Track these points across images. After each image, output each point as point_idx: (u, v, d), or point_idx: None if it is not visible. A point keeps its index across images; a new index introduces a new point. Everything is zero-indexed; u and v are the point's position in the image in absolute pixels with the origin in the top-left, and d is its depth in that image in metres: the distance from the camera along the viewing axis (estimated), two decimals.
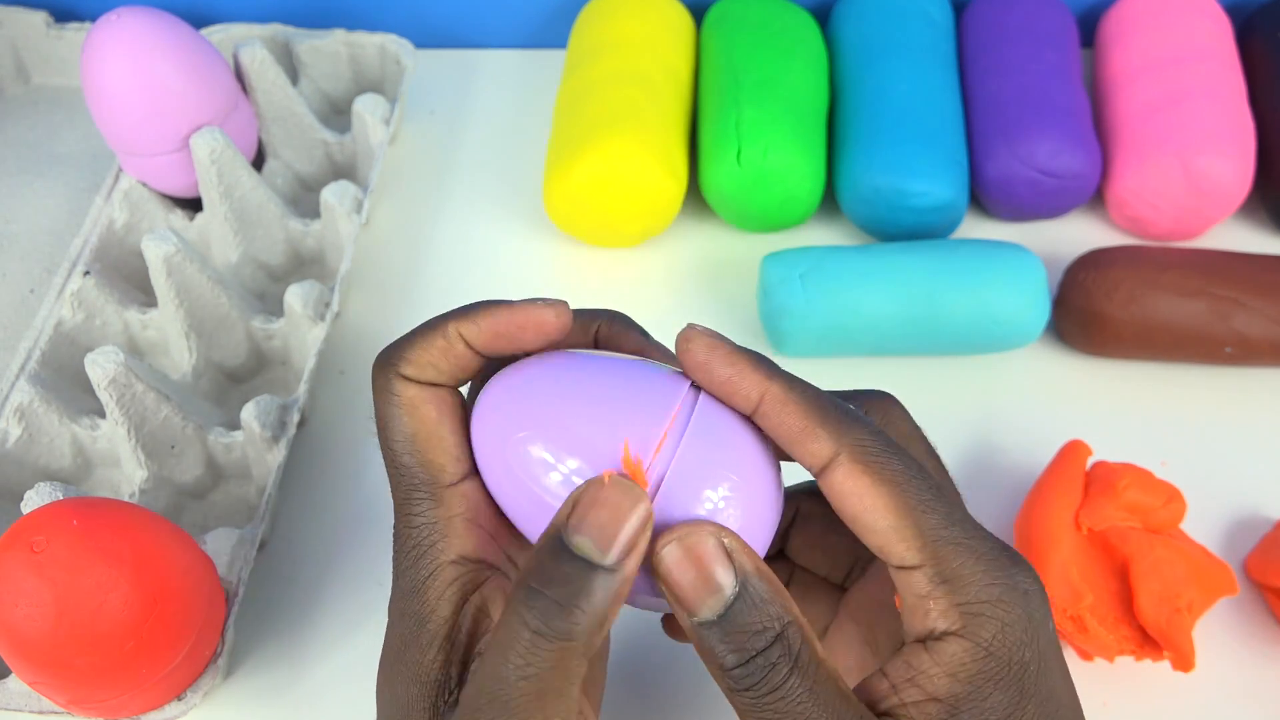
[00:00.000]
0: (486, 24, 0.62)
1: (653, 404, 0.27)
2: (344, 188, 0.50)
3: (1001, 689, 0.25)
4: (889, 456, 0.26)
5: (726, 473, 0.26)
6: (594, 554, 0.24)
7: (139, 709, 0.37)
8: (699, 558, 0.25)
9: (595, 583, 0.24)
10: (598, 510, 0.24)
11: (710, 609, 0.24)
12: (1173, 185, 0.49)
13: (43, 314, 0.47)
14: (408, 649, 0.27)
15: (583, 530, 0.24)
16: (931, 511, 0.25)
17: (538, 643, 0.24)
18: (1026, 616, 0.25)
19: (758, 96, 0.50)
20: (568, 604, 0.24)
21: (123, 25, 0.45)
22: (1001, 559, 0.26)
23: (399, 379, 0.28)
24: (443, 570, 0.27)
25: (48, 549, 0.32)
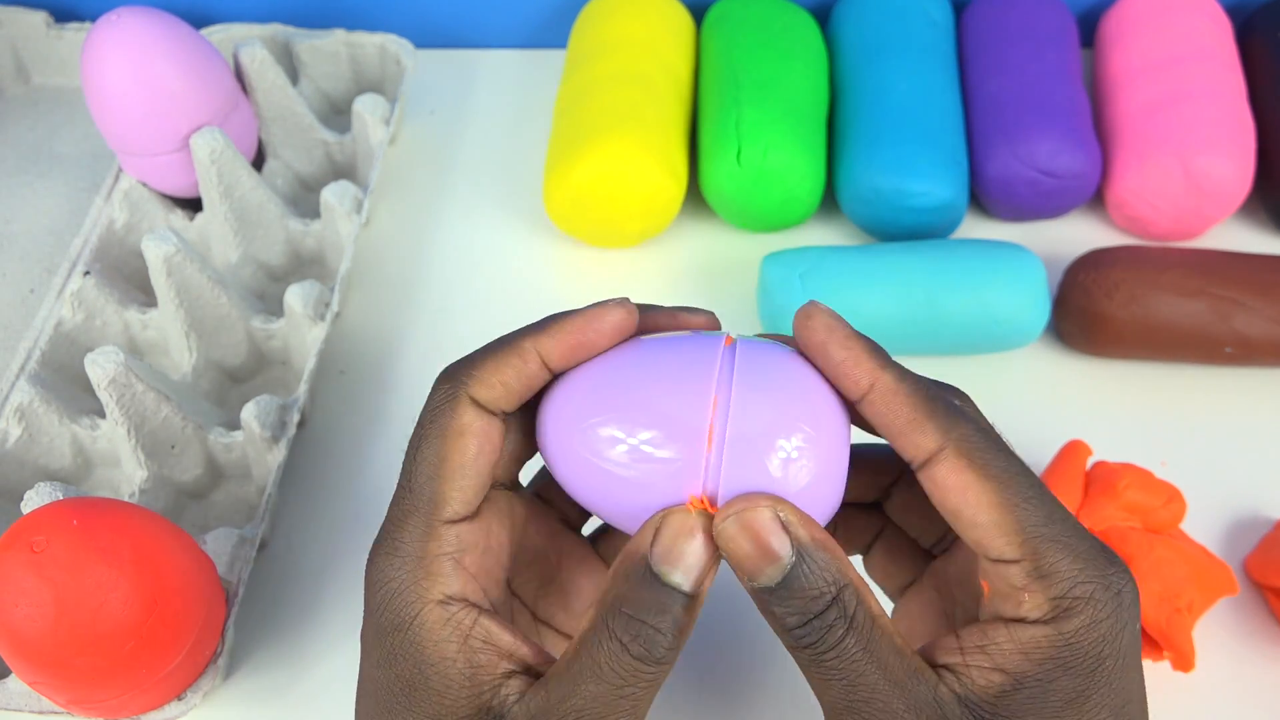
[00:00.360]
0: (486, 24, 0.62)
1: (700, 373, 0.27)
2: (344, 188, 0.50)
3: (1071, 676, 0.25)
4: (994, 453, 0.26)
5: (793, 422, 0.27)
6: (683, 583, 0.25)
7: (139, 709, 0.37)
8: (756, 532, 0.25)
9: (686, 609, 0.25)
10: (683, 541, 0.26)
11: (769, 577, 0.25)
12: (1173, 185, 0.49)
13: (43, 314, 0.47)
14: (415, 691, 0.26)
15: (671, 561, 0.25)
16: (1033, 508, 0.26)
17: (639, 668, 0.25)
18: (1115, 615, 0.25)
19: (758, 96, 0.50)
20: (667, 631, 0.25)
21: (123, 25, 0.45)
22: (1099, 559, 0.26)
23: (466, 401, 0.27)
24: (431, 610, 0.26)
25: (48, 549, 0.32)
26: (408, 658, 0.26)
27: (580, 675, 0.25)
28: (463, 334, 0.51)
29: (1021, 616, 0.26)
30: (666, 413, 0.26)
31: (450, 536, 0.27)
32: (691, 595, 0.25)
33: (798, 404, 0.27)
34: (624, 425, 0.27)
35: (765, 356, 0.28)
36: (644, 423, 0.26)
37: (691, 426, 0.26)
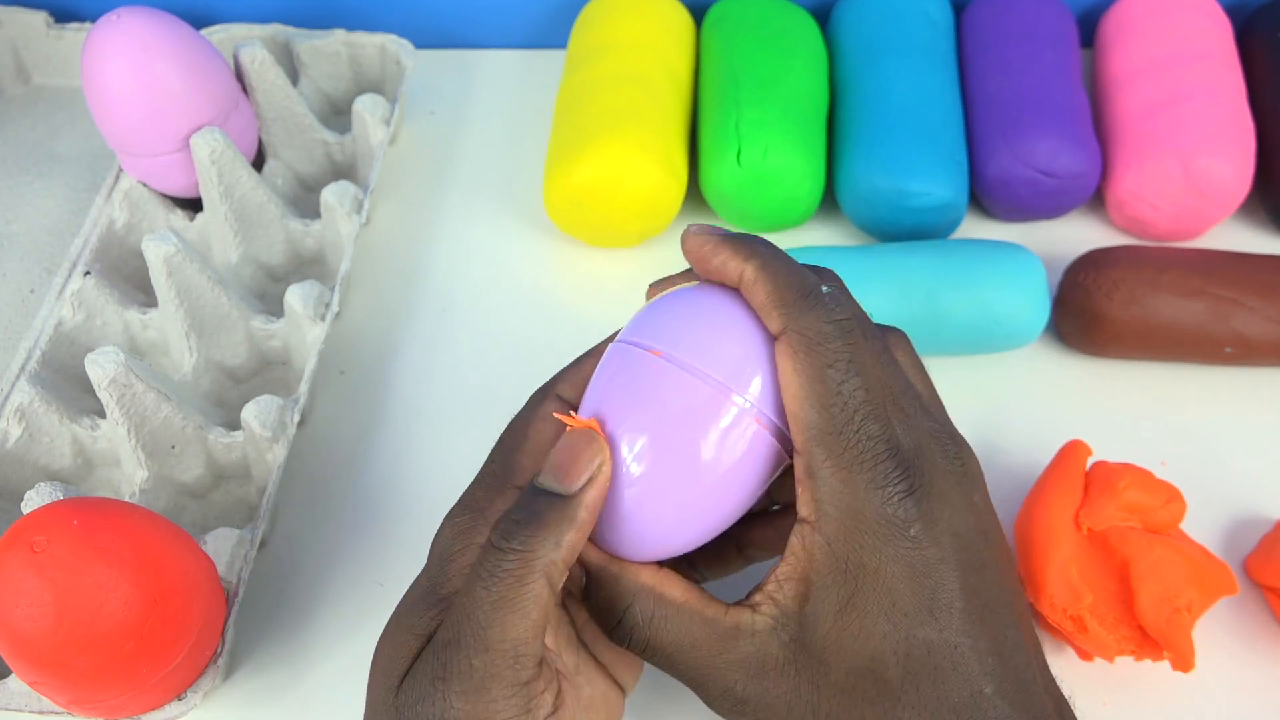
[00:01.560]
0: (486, 24, 0.62)
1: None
2: (344, 188, 0.50)
3: (837, 585, 0.28)
4: (824, 349, 0.28)
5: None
6: (556, 486, 0.28)
7: (139, 709, 0.37)
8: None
9: (554, 508, 0.28)
10: (558, 454, 0.29)
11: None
12: (1173, 185, 0.49)
13: (43, 314, 0.47)
14: (411, 608, 0.30)
15: (546, 470, 0.28)
16: (832, 409, 0.28)
17: (497, 557, 0.27)
18: (893, 520, 0.28)
19: (758, 96, 0.50)
20: (525, 521, 0.27)
21: (123, 25, 0.45)
22: (889, 480, 0.28)
23: (552, 396, 0.32)
24: (472, 551, 0.29)
25: (48, 549, 0.32)
26: (432, 581, 0.30)
27: (468, 580, 0.28)
28: (463, 334, 0.51)
29: (800, 512, 0.29)
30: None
31: (510, 494, 0.31)
32: (565, 495, 0.28)
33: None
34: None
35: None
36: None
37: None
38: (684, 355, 0.29)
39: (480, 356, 0.50)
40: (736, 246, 0.30)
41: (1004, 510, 0.44)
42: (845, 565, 0.28)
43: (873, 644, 0.28)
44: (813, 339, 0.28)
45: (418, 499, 0.45)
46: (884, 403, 0.28)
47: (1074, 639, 0.39)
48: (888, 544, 0.28)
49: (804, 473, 0.28)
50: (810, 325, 0.28)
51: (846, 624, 0.28)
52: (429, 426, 0.48)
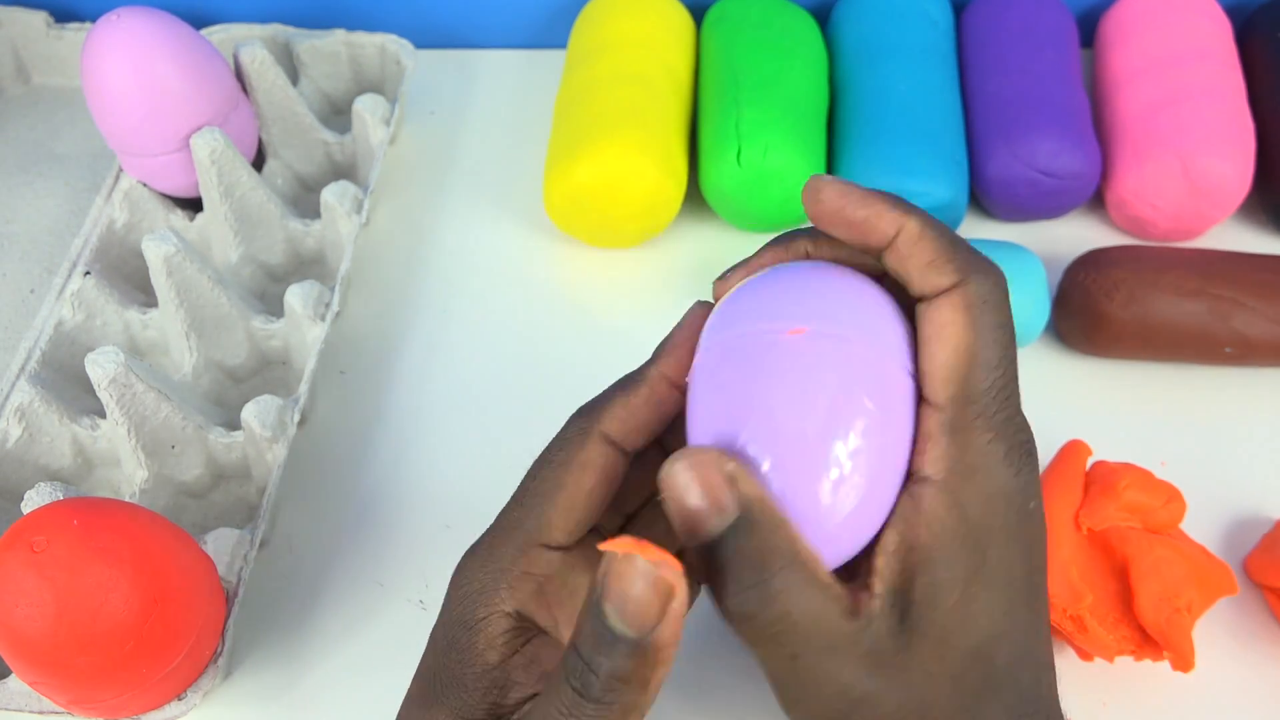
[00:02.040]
0: (486, 24, 0.62)
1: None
2: (344, 188, 0.50)
3: (964, 553, 0.25)
4: (1000, 309, 0.27)
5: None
6: (624, 630, 0.24)
7: (139, 709, 0.37)
8: (703, 483, 0.25)
9: (637, 657, 0.24)
10: (626, 585, 0.24)
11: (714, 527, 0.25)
12: (1173, 185, 0.49)
13: (43, 314, 0.47)
14: (451, 684, 0.27)
15: (613, 605, 0.24)
16: (990, 375, 0.26)
17: (579, 703, 0.24)
18: (1019, 493, 0.26)
19: (758, 96, 0.50)
20: (601, 673, 0.24)
21: (123, 25, 0.45)
22: (1018, 453, 0.26)
23: (598, 436, 0.28)
24: (497, 619, 0.27)
25: (48, 549, 0.32)
26: (460, 652, 0.27)
27: (545, 700, 0.25)
28: (463, 334, 0.51)
29: (922, 470, 0.26)
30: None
31: (542, 560, 0.28)
32: (636, 642, 0.24)
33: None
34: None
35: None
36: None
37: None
38: (831, 327, 0.27)
39: (480, 356, 0.50)
40: (891, 200, 0.28)
41: None
42: (974, 532, 0.25)
43: (991, 623, 0.26)
44: (988, 298, 0.27)
45: (418, 499, 0.45)
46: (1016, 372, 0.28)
47: (1074, 639, 0.39)
48: (1011, 513, 0.26)
49: (941, 429, 0.26)
50: (986, 283, 0.27)
51: (970, 599, 0.25)
52: (429, 426, 0.48)
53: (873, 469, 0.26)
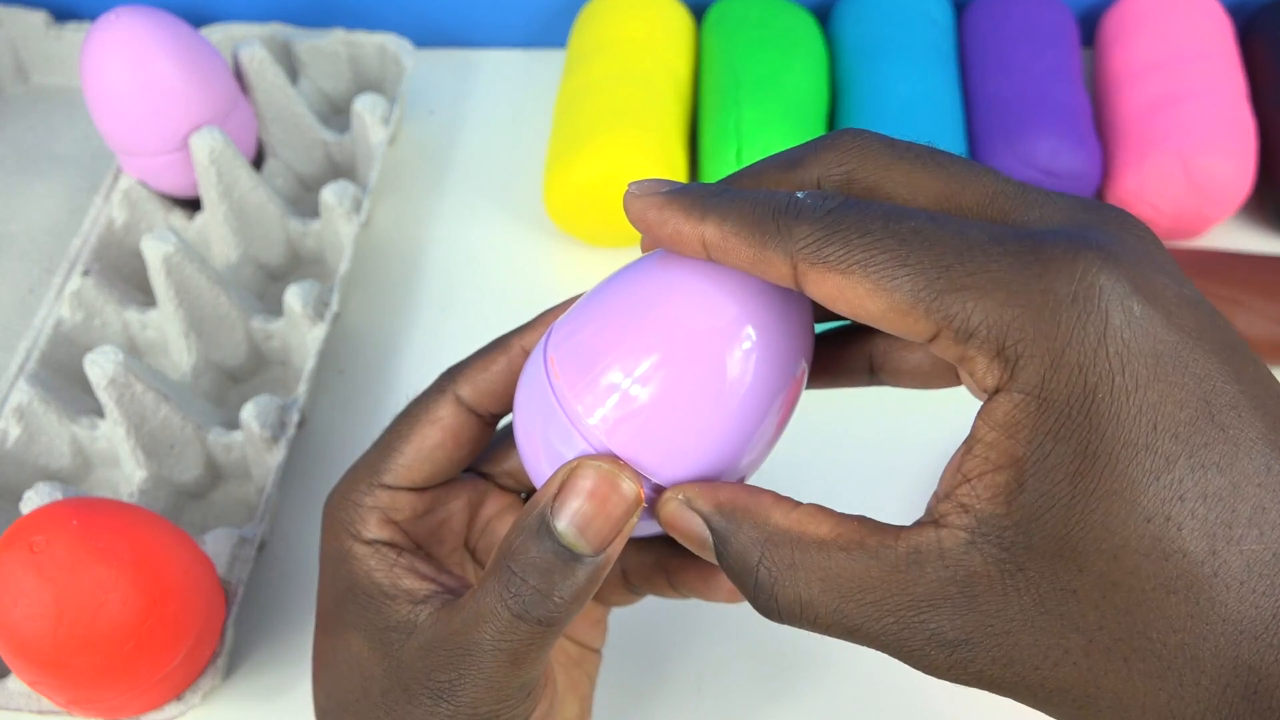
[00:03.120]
0: (486, 24, 0.62)
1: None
2: (344, 188, 0.50)
3: (1063, 441, 0.20)
4: (844, 239, 0.21)
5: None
6: (578, 545, 0.24)
7: (139, 709, 0.37)
8: (672, 524, 0.24)
9: (578, 572, 0.24)
10: (584, 502, 0.24)
11: (709, 554, 0.24)
12: (1173, 185, 0.49)
13: (42, 314, 0.47)
14: (348, 605, 0.28)
15: (564, 517, 0.24)
16: (918, 267, 0.21)
17: (516, 624, 0.24)
18: (1079, 330, 0.20)
19: (758, 96, 0.50)
20: (548, 593, 0.24)
21: (122, 25, 0.45)
22: (1025, 260, 0.20)
23: (450, 396, 0.29)
24: (361, 548, 0.28)
25: (47, 549, 0.32)
26: (343, 579, 0.28)
27: (470, 619, 0.25)
28: (463, 334, 0.51)
29: (987, 385, 0.21)
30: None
31: (384, 497, 0.29)
32: (591, 559, 0.24)
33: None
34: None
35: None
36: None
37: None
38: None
39: None
40: (690, 207, 0.23)
41: None
42: (1068, 403, 0.20)
43: (1147, 499, 0.19)
44: (824, 246, 0.21)
45: None
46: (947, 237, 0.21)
47: None
48: (1106, 346, 0.20)
49: (958, 344, 0.21)
50: (810, 235, 0.22)
51: (1094, 486, 0.19)
52: None
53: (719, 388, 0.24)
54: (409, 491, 0.29)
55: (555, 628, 0.24)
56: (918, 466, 0.46)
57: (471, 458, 0.30)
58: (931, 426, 0.48)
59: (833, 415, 0.49)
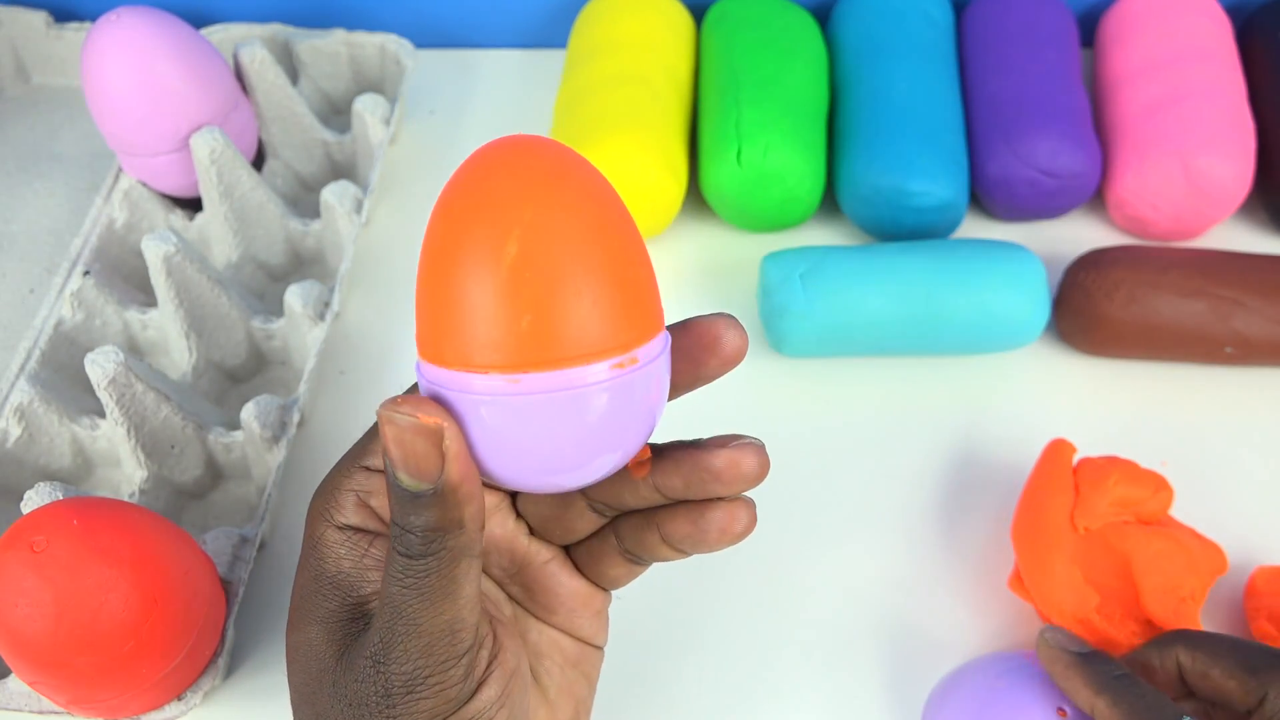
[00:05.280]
0: (486, 24, 0.62)
1: None
2: (344, 188, 0.50)
3: None
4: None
5: None
6: (414, 485, 0.25)
7: (139, 709, 0.37)
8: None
9: (430, 504, 0.25)
10: (396, 447, 0.25)
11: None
12: (1173, 185, 0.49)
13: (43, 314, 0.47)
14: (313, 597, 0.29)
15: (394, 464, 0.25)
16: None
17: (409, 564, 0.26)
18: None
19: (758, 96, 0.50)
20: (418, 531, 0.26)
21: (123, 25, 0.45)
22: None
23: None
24: (331, 533, 0.29)
25: (48, 549, 0.32)
26: (312, 568, 0.29)
27: (385, 577, 0.27)
28: None
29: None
30: None
31: (361, 478, 0.29)
32: (436, 491, 0.25)
33: None
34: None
35: None
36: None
37: None
38: None
39: None
40: (1089, 676, 0.34)
41: (1003, 511, 0.44)
42: None
43: None
44: None
45: None
46: None
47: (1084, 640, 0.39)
48: None
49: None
50: None
51: None
52: None
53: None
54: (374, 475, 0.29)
55: (446, 558, 0.26)
56: (917, 467, 0.46)
57: None
58: (932, 426, 0.48)
59: (834, 415, 0.49)
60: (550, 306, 0.23)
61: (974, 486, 0.45)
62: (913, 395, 0.48)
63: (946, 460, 0.46)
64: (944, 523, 0.44)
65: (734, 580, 0.43)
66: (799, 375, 0.49)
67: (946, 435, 0.47)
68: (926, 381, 0.48)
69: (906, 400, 0.48)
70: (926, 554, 0.44)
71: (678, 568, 0.38)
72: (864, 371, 0.48)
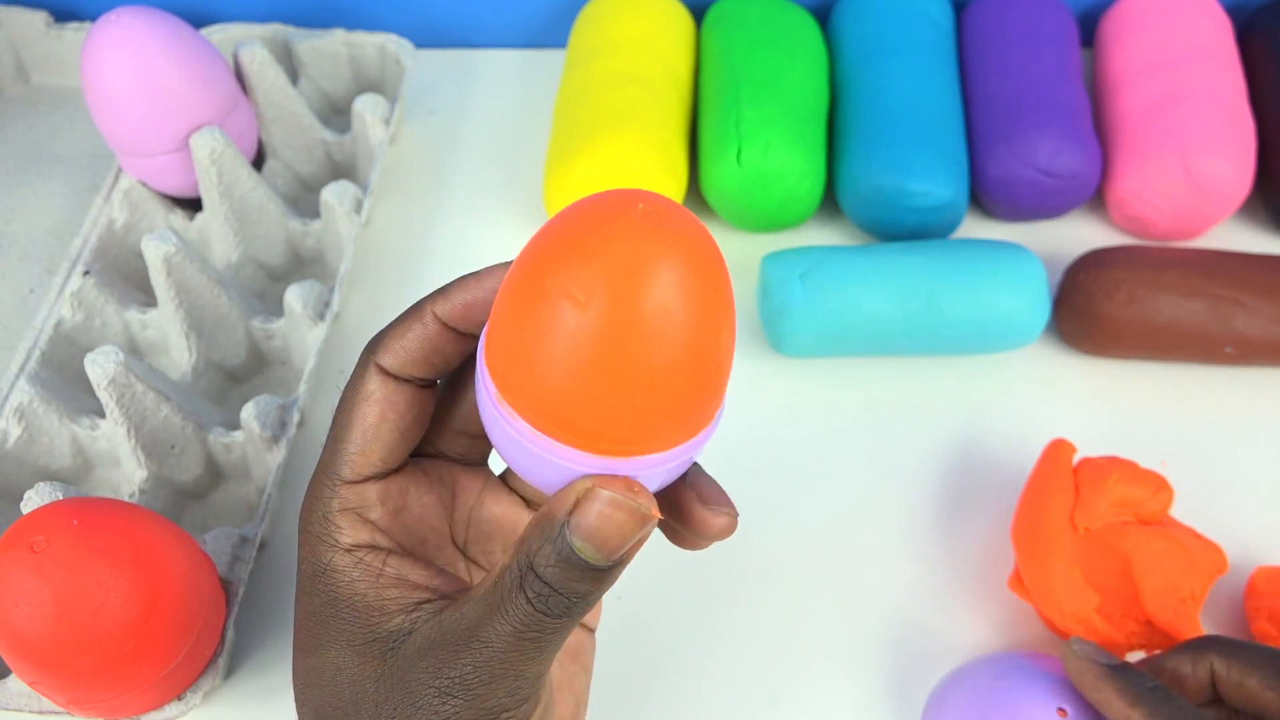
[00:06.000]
0: (486, 24, 0.62)
1: None
2: (344, 188, 0.50)
3: None
4: None
5: None
6: (594, 559, 0.25)
7: (139, 709, 0.37)
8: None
9: (593, 577, 0.25)
10: (597, 521, 0.24)
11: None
12: (1173, 185, 0.49)
13: (43, 314, 0.47)
14: (332, 621, 0.28)
15: (579, 535, 0.24)
16: None
17: (539, 618, 0.25)
18: None
19: (758, 96, 0.50)
20: (568, 592, 0.25)
21: (123, 25, 0.45)
22: None
23: (373, 369, 0.28)
24: (340, 556, 0.28)
25: (48, 549, 0.32)
26: (321, 596, 0.28)
27: (490, 611, 0.25)
28: None
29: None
30: None
31: (351, 495, 0.28)
32: (607, 568, 0.25)
33: None
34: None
35: None
36: None
37: None
38: None
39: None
40: (1122, 689, 0.33)
41: (1002, 512, 0.44)
42: None
43: None
44: None
45: None
46: None
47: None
48: None
49: None
50: None
51: None
52: None
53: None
54: (373, 483, 0.28)
55: (575, 618, 0.25)
56: (917, 467, 0.46)
57: (420, 429, 0.29)
58: (932, 426, 0.48)
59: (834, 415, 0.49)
60: (689, 403, 0.25)
61: (974, 486, 0.45)
62: (913, 395, 0.48)
63: (946, 460, 0.46)
64: (944, 523, 0.44)
65: (733, 580, 0.43)
66: (799, 375, 0.49)
67: (946, 435, 0.47)
68: (926, 381, 0.48)
69: (906, 400, 0.48)
70: (926, 554, 0.44)
71: (676, 568, 0.38)
72: (864, 371, 0.48)
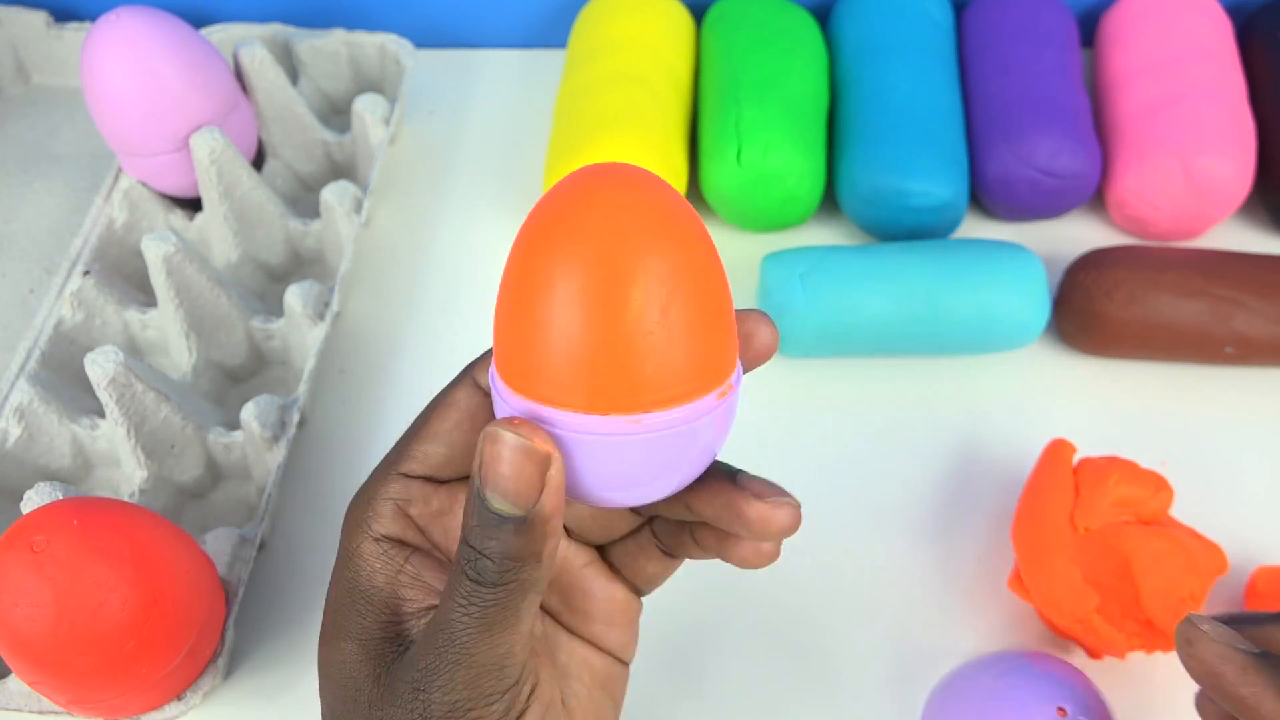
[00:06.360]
0: (486, 24, 0.62)
1: None
2: (344, 188, 0.50)
3: None
4: None
5: None
6: (505, 509, 0.24)
7: (139, 709, 0.37)
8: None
9: (522, 532, 0.25)
10: (501, 466, 0.24)
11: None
12: (1173, 185, 0.49)
13: (43, 314, 0.47)
14: (348, 612, 0.28)
15: (489, 484, 0.24)
16: None
17: (477, 590, 0.25)
18: None
19: (758, 96, 0.50)
20: (497, 558, 0.25)
21: (123, 25, 0.45)
22: None
23: (467, 380, 0.29)
24: (368, 544, 0.28)
25: (48, 549, 0.32)
26: (347, 583, 0.28)
27: (443, 600, 0.26)
28: (463, 334, 0.51)
29: None
30: None
31: (398, 485, 0.28)
32: (522, 519, 0.24)
33: None
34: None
35: None
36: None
37: None
38: None
39: None
40: (1271, 678, 0.27)
41: (1002, 512, 0.44)
42: None
43: None
44: None
45: None
46: None
47: (1083, 640, 0.39)
48: None
49: None
50: None
51: None
52: None
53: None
54: (426, 482, 0.29)
55: (515, 590, 0.25)
56: (917, 467, 0.46)
57: None
58: (933, 426, 0.48)
59: (834, 415, 0.49)
60: (675, 351, 0.23)
61: (974, 486, 0.45)
62: (913, 395, 0.48)
63: (946, 460, 0.46)
64: (944, 523, 0.44)
65: (733, 580, 0.43)
66: (799, 375, 0.49)
67: (947, 435, 0.47)
68: (926, 381, 0.48)
69: (906, 400, 0.48)
70: (926, 554, 0.44)
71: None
72: (864, 371, 0.48)
